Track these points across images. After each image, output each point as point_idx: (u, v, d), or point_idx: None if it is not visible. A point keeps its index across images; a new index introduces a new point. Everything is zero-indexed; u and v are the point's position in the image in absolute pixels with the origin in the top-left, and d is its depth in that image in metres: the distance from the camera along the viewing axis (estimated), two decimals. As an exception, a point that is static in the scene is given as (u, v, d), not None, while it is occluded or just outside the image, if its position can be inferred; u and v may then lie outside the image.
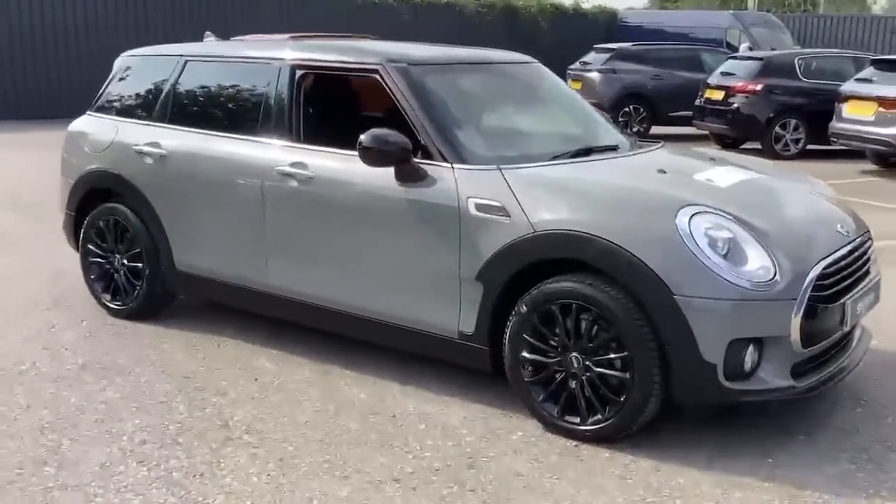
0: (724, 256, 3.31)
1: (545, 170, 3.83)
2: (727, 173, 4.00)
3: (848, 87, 11.27)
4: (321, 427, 3.65)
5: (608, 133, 4.59)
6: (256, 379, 4.15)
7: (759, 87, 12.48)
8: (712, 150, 5.82)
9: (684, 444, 3.50)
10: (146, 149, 4.76)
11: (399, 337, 4.01)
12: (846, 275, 3.59)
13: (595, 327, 3.46)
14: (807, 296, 3.36)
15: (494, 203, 3.64)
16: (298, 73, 4.35)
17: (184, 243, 4.70)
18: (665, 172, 3.92)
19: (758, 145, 12.68)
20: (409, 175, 3.85)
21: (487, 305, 3.70)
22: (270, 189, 4.27)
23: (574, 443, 3.52)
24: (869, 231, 4.01)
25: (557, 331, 3.54)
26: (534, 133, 4.55)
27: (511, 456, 3.42)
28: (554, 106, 4.78)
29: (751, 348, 3.33)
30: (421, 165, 3.84)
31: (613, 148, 4.31)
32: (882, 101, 10.50)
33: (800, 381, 3.43)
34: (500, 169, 3.73)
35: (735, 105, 12.63)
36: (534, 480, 3.24)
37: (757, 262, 3.34)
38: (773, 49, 17.70)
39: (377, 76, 4.11)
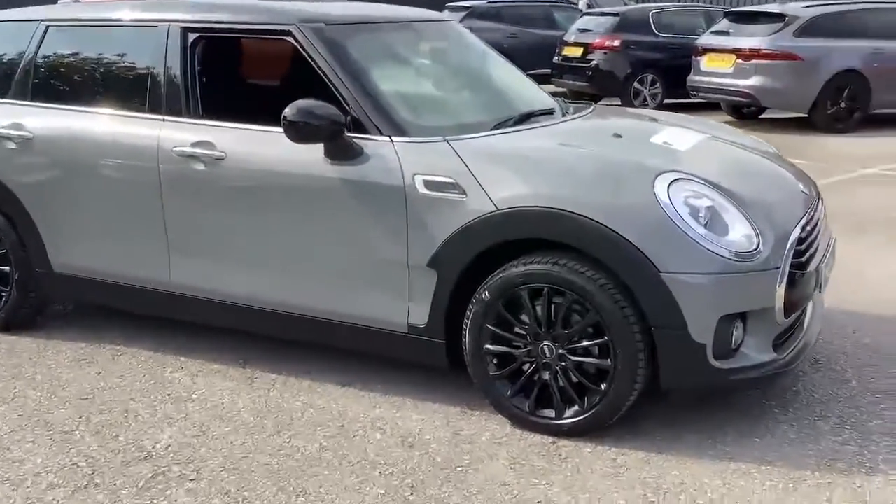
0: (706, 227, 3.05)
1: (497, 140, 3.45)
2: (680, 135, 3.75)
3: (705, 40, 11.42)
4: (263, 448, 3.17)
5: (539, 95, 4.25)
6: (170, 394, 3.60)
7: (616, 43, 12.49)
8: (643, 110, 5.61)
9: (664, 431, 3.25)
10: (5, 131, 4.04)
11: (338, 335, 3.56)
12: (814, 238, 3.41)
13: (570, 313, 3.13)
14: (788, 263, 3.15)
15: (447, 179, 3.23)
16: (192, 36, 3.76)
17: (60, 241, 4.04)
18: (621, 136, 3.63)
19: (617, 101, 12.74)
20: (342, 152, 3.38)
21: (442, 294, 3.30)
22: (169, 174, 3.69)
23: (550, 439, 3.20)
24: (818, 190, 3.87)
25: (526, 318, 3.20)
26: (469, 98, 4.15)
27: (488, 462, 3.06)
28: (480, 67, 4.39)
29: (738, 324, 3.10)
30: (355, 141, 3.37)
31: (550, 112, 3.97)
32: (739, 52, 10.67)
33: (780, 353, 3.23)
34: (448, 141, 3.32)
35: (594, 62, 12.60)
36: (523, 490, 2.90)
37: (739, 230, 3.09)
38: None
39: (291, 39, 3.59)
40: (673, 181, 3.11)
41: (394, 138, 3.35)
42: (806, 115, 10.64)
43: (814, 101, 10.47)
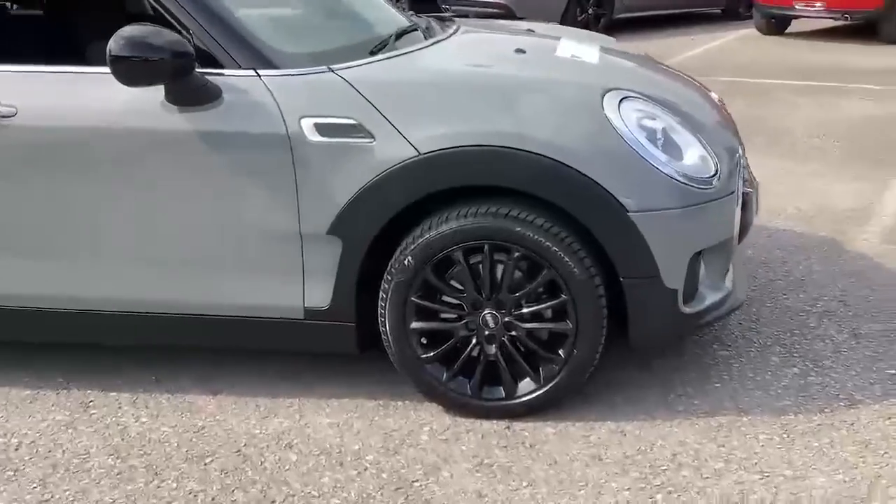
0: (664, 152, 2.58)
1: (394, 66, 2.76)
2: (580, 47, 3.23)
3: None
4: None
5: (389, 10, 3.54)
6: (-21, 444, 2.64)
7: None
8: (507, 22, 5.03)
9: (617, 394, 2.82)
10: None
11: (215, 333, 2.76)
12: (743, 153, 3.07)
13: (517, 272, 2.56)
14: (740, 184, 2.78)
15: (346, 121, 2.51)
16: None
17: None
18: (525, 52, 3.04)
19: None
20: (192, 95, 2.54)
21: (350, 266, 2.61)
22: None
23: (503, 425, 2.65)
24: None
25: (461, 285, 2.59)
26: (328, 18, 3.36)
27: (446, 468, 2.47)
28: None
29: (701, 260, 2.69)
30: (209, 78, 2.54)
31: (414, 30, 3.29)
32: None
33: (729, 285, 2.87)
34: (335, 71, 2.58)
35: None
36: (508, 499, 2.34)
37: (693, 154, 2.66)
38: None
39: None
40: (621, 100, 2.60)
41: (261, 72, 2.56)
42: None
43: (564, 9, 10.72)
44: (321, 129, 2.51)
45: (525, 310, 2.59)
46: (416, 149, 2.48)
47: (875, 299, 3.41)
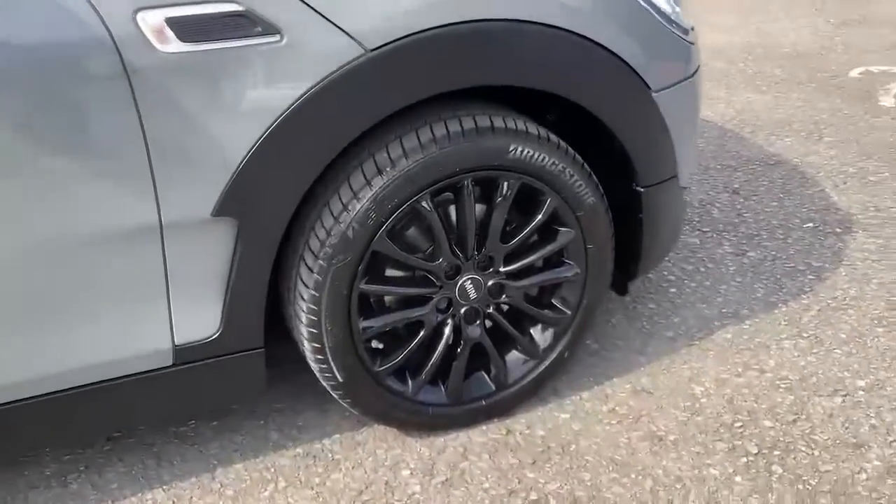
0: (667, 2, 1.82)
1: None
2: None
3: None
4: None
5: None
6: None
7: None
8: None
9: (605, 346, 2.12)
10: None
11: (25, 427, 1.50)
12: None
13: (508, 212, 1.69)
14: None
15: (225, 6, 1.35)
16: None
17: None
18: None
19: None
20: None
21: (255, 260, 1.52)
22: None
23: (493, 425, 1.84)
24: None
25: (435, 247, 1.66)
26: None
27: (486, 530, 1.63)
28: None
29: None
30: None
31: None
32: None
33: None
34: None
35: None
36: (613, 551, 1.59)
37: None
38: None
39: None
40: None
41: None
42: None
43: None
44: (179, 28, 1.33)
45: (521, 262, 1.74)
46: (358, 43, 1.42)
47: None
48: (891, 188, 2.85)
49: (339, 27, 1.41)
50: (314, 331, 1.60)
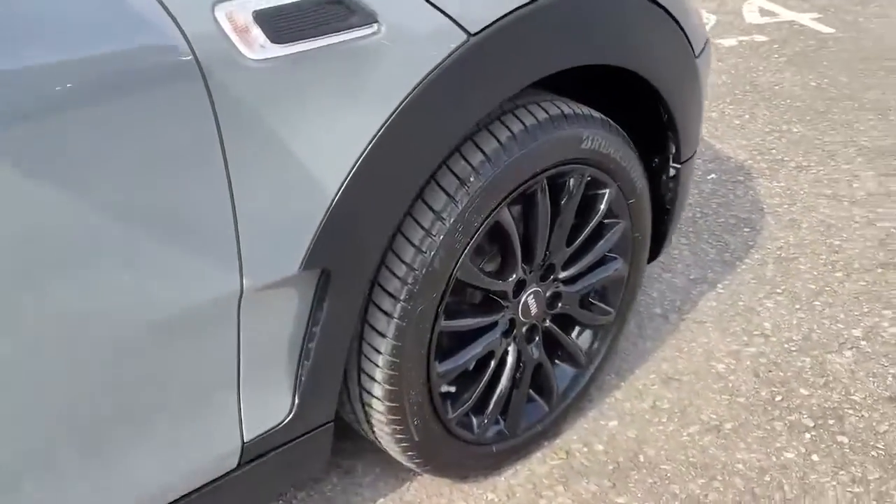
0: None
1: None
2: None
3: None
4: None
5: None
6: None
7: None
8: None
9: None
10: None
11: None
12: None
13: (571, 206, 1.47)
14: None
15: (315, -6, 1.00)
16: None
17: None
18: None
19: None
20: None
21: (342, 316, 1.19)
22: None
23: (544, 449, 1.64)
24: None
25: (503, 260, 1.41)
26: None
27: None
28: None
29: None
30: None
31: None
32: None
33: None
34: None
35: None
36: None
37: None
38: None
39: None
40: None
41: None
42: None
43: None
44: (269, 25, 0.96)
45: (579, 264, 1.53)
46: (461, 27, 1.12)
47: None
48: (757, 130, 2.93)
49: (439, 9, 1.10)
50: (393, 388, 1.29)
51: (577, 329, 1.63)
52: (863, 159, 2.73)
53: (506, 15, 1.16)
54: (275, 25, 0.96)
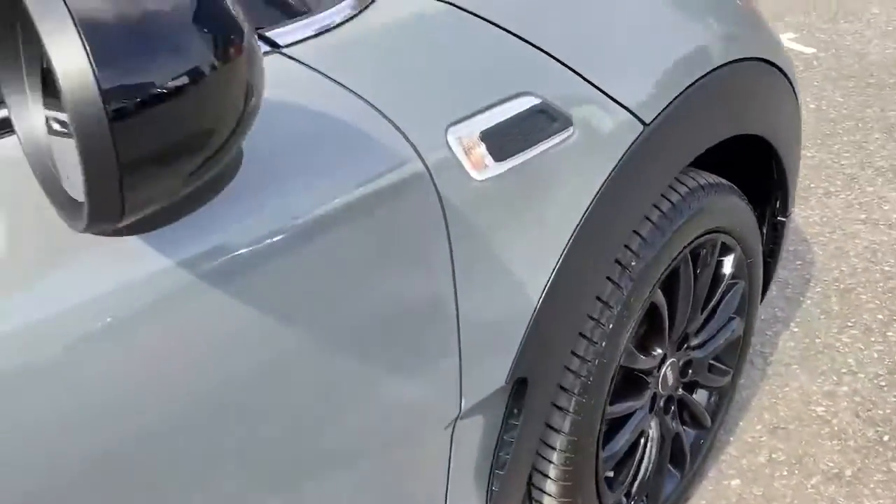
0: None
1: None
2: None
3: None
4: None
5: None
6: None
7: None
8: None
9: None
10: None
11: None
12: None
13: (710, 278, 1.47)
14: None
15: (529, 101, 0.98)
16: None
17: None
18: None
19: None
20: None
21: (536, 425, 1.15)
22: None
23: (683, 518, 1.62)
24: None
25: (653, 332, 1.40)
26: None
27: None
28: None
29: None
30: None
31: None
32: None
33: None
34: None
35: None
36: None
37: None
38: None
39: None
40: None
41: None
42: None
43: None
44: (494, 143, 0.93)
45: (708, 330, 1.52)
46: (638, 119, 1.11)
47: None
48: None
49: (619, 103, 1.08)
50: (566, 484, 1.25)
51: (698, 392, 1.61)
52: (883, 180, 2.78)
53: (672, 101, 1.14)
54: (498, 143, 0.93)
